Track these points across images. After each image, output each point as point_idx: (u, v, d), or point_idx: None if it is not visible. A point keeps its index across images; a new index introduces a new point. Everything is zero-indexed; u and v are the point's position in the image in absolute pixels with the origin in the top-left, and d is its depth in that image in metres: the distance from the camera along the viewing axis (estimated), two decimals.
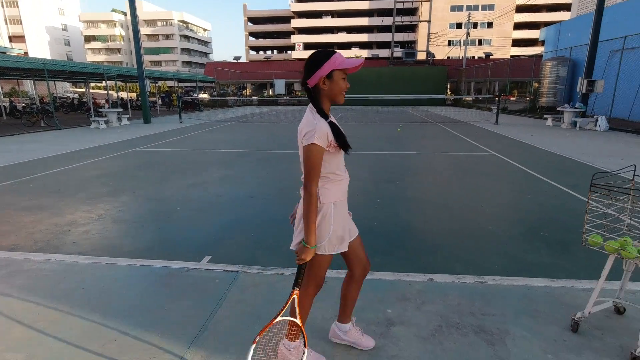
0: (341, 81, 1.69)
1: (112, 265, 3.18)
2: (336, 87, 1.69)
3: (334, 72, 1.66)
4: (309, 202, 1.66)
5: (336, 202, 1.80)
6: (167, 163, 7.84)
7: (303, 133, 1.67)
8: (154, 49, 75.24)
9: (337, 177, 1.79)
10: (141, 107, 18.32)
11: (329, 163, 1.73)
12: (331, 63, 1.64)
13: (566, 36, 21.68)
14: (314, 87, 1.70)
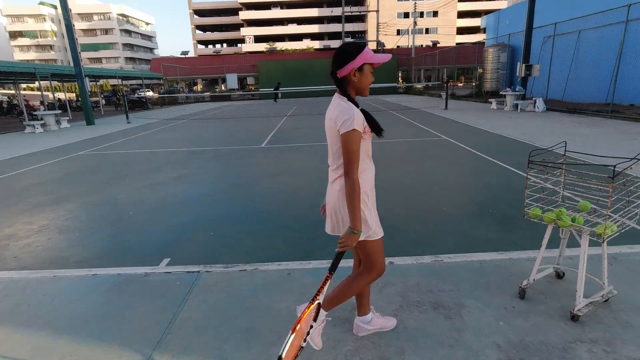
0: (370, 75, 1.74)
1: (61, 278, 2.99)
2: (365, 80, 1.73)
3: (365, 66, 1.70)
4: (352, 188, 1.69)
5: (371, 188, 1.89)
6: (116, 166, 7.44)
7: (340, 121, 1.68)
8: (92, 45, 70.29)
9: (368, 165, 1.85)
10: (82, 108, 17.15)
11: (362, 150, 1.76)
12: (363, 56, 1.68)
13: (504, 24, 22.94)
14: (342, 77, 1.73)
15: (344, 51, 1.71)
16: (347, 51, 1.70)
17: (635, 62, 12.72)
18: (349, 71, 1.70)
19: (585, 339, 2.02)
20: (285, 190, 5.24)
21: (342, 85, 1.75)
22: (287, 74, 34.33)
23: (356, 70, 1.70)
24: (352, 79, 1.72)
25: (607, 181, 1.90)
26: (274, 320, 2.32)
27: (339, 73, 1.72)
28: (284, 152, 8.17)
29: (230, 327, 2.27)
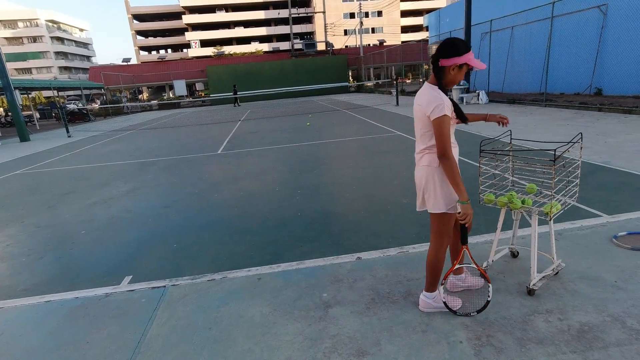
0: (462, 74, 1.92)
1: (7, 309, 2.75)
2: (458, 77, 1.92)
3: (464, 65, 1.88)
4: (451, 166, 1.91)
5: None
6: (59, 184, 6.94)
7: (431, 107, 1.89)
8: (19, 55, 64.74)
9: (453, 145, 2.04)
10: (14, 124, 15.81)
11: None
12: (468, 57, 1.86)
13: (445, 21, 24.13)
14: (441, 67, 1.91)
15: (455, 45, 1.87)
16: (457, 46, 1.87)
17: (561, 54, 13.91)
18: (451, 64, 1.87)
19: (542, 310, 2.19)
20: (245, 195, 5.16)
21: (437, 73, 1.94)
22: (238, 77, 33.76)
23: (457, 66, 1.88)
24: (450, 72, 1.90)
25: (549, 164, 2.07)
26: (248, 327, 2.29)
27: (442, 62, 1.89)
28: (241, 157, 8.04)
29: (203, 338, 2.21)
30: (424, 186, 2.12)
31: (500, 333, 2.03)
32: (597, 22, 12.54)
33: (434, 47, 22.29)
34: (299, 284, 2.74)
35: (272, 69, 34.77)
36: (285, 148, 8.61)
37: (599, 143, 6.36)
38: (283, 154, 7.89)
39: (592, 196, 3.94)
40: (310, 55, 38.90)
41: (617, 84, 12.01)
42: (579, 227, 3.24)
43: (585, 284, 2.40)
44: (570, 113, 10.25)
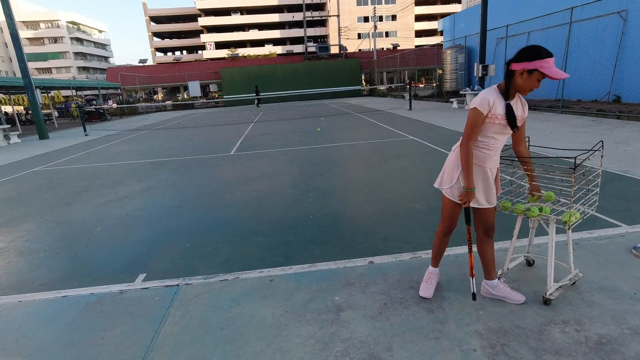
0: (535, 81, 1.90)
1: (27, 303, 2.81)
2: (528, 84, 1.91)
3: (536, 72, 1.86)
4: (465, 154, 2.04)
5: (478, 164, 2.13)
6: (76, 181, 7.08)
7: (472, 101, 2.05)
8: (40, 55, 66.47)
9: (489, 147, 2.10)
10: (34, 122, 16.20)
11: (486, 131, 2.06)
12: (539, 63, 1.84)
13: (460, 26, 23.97)
14: (512, 70, 1.95)
15: (531, 50, 1.89)
16: (530, 51, 1.88)
17: (579, 60, 13.68)
18: (519, 68, 1.89)
19: (558, 320, 2.15)
20: (257, 197, 5.19)
21: (507, 77, 1.98)
22: (251, 79, 34.06)
23: (526, 72, 1.88)
24: (518, 77, 1.92)
25: (569, 172, 2.04)
26: (260, 328, 2.30)
27: (512, 66, 1.94)
28: (253, 159, 8.09)
29: (216, 338, 2.23)
30: (443, 169, 2.32)
31: (515, 342, 2.00)
32: (617, 28, 12.30)
33: (448, 51, 22.13)
34: (310, 286, 2.74)
35: (285, 72, 34.97)
36: (297, 150, 8.64)
37: (617, 151, 6.23)
38: (295, 156, 7.91)
39: (611, 205, 3.86)
40: (323, 58, 39.00)
41: (636, 91, 11.75)
42: (596, 237, 3.17)
43: (604, 295, 2.35)
44: (588, 120, 10.07)
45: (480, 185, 2.18)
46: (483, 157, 2.14)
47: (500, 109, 2.00)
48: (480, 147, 2.13)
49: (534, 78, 1.89)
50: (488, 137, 2.10)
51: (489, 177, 2.18)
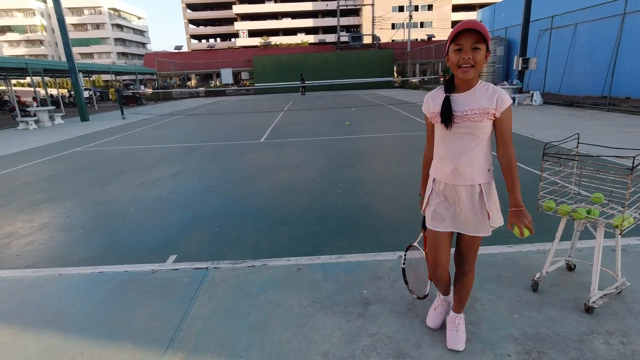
0: (452, 54, 1.59)
1: (67, 276, 2.94)
2: (450, 61, 1.62)
3: (450, 46, 1.60)
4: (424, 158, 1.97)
5: (436, 180, 1.83)
6: (113, 162, 7.34)
7: None
8: (83, 40, 69.25)
9: (438, 154, 1.79)
10: (76, 104, 16.94)
11: (436, 134, 1.81)
12: (448, 39, 1.62)
13: (500, 17, 22.93)
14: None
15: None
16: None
17: (631, 55, 12.78)
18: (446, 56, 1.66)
19: (601, 330, 2.02)
20: (286, 185, 5.20)
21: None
22: (282, 68, 34.13)
23: (447, 54, 1.63)
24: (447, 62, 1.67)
25: (625, 173, 1.88)
26: (286, 317, 2.29)
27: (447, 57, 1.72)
28: (283, 147, 8.11)
29: (242, 324, 2.25)
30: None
31: (553, 350, 1.90)
32: None
33: None
34: (338, 278, 2.71)
35: (316, 61, 34.77)
36: (326, 140, 8.58)
37: None
38: (324, 147, 7.86)
39: None
40: (355, 48, 38.46)
41: None
42: None
43: None
44: (637, 119, 9.42)
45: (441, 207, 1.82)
46: (441, 171, 1.78)
47: (438, 104, 1.70)
48: (437, 157, 1.82)
49: (450, 52, 1.60)
50: (438, 144, 1.78)
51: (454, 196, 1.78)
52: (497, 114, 1.61)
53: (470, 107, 1.63)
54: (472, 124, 1.63)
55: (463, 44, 1.54)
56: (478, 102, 1.62)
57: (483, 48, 1.54)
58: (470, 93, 1.64)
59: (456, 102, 1.66)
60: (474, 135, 1.65)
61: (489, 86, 1.64)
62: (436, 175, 1.83)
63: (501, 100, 1.59)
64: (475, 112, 1.62)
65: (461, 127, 1.66)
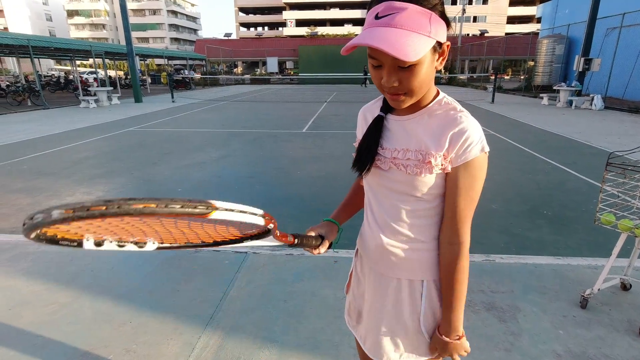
0: (370, 66, 0.88)
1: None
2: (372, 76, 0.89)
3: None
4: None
5: (358, 249, 1.18)
6: (162, 143, 7.71)
7: None
8: (140, 25, 72.70)
9: (366, 210, 1.12)
10: (131, 86, 17.87)
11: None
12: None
13: (563, 13, 21.44)
14: None
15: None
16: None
17: None
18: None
19: None
20: (326, 177, 5.22)
21: None
22: (327, 59, 34.04)
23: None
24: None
25: None
26: (321, 307, 2.33)
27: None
28: (324, 138, 8.14)
29: (278, 309, 2.31)
30: None
31: None
32: None
33: (544, 41, 19.98)
34: None
35: (361, 53, 33.92)
36: None
37: None
38: None
39: None
40: None
41: None
42: None
43: None
44: None
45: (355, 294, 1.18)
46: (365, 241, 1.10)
47: (363, 127, 1.04)
48: (365, 213, 1.13)
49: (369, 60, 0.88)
50: (367, 192, 1.08)
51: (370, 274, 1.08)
52: (447, 166, 0.87)
53: (405, 145, 0.92)
54: (406, 177, 0.90)
55: (381, 60, 0.83)
56: (418, 137, 0.90)
57: (422, 59, 0.79)
58: (417, 118, 0.92)
59: (388, 131, 0.96)
60: (413, 196, 0.92)
61: (449, 110, 0.89)
62: (359, 245, 1.16)
63: (459, 142, 0.85)
64: (409, 158, 0.90)
65: (389, 178, 0.94)
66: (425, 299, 0.97)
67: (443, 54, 0.85)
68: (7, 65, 38.07)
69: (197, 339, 2.06)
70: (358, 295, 1.15)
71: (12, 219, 3.75)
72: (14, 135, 8.53)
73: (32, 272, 2.76)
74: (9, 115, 12.38)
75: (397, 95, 0.85)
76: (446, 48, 0.85)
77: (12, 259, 2.96)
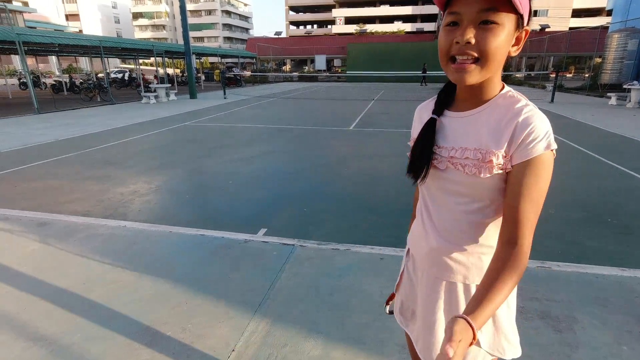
0: (442, 32, 0.83)
1: (175, 234, 3.37)
2: (439, 48, 0.83)
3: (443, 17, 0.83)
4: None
5: (410, 250, 1.12)
6: (215, 137, 8.07)
7: None
8: (196, 25, 76.20)
9: (418, 212, 1.08)
10: (187, 83, 18.83)
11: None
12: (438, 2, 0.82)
13: (639, 4, 19.55)
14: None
15: None
16: None
17: None
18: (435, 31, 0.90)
19: None
20: (372, 175, 5.21)
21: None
22: (375, 57, 33.66)
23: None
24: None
25: None
26: (367, 302, 2.35)
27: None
28: (371, 136, 8.09)
29: (324, 302, 2.36)
30: None
31: None
32: None
33: (615, 35, 18.33)
34: None
35: (411, 51, 33.55)
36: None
37: None
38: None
39: None
40: None
41: None
42: None
43: None
44: None
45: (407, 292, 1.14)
46: (417, 244, 1.05)
47: (418, 127, 1.02)
48: (417, 214, 1.09)
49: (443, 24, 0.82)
50: (421, 194, 1.06)
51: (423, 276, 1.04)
52: (507, 164, 0.82)
53: (463, 143, 0.88)
54: (464, 177, 0.86)
55: (461, 11, 0.77)
56: (478, 135, 0.86)
57: (505, 21, 0.76)
58: (477, 114, 0.87)
59: (446, 129, 0.92)
60: (471, 197, 0.88)
61: (513, 103, 0.84)
62: (411, 246, 1.11)
63: (522, 136, 0.79)
64: (467, 157, 0.86)
65: (446, 178, 0.90)
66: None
67: (519, 40, 0.82)
68: (80, 64, 41.58)
69: (246, 323, 2.17)
70: (411, 296, 1.13)
71: (85, 203, 4.13)
72: (87, 128, 9.34)
73: (102, 251, 3.04)
74: (82, 110, 13.54)
75: (464, 63, 0.79)
76: (524, 34, 0.81)
77: (85, 238, 3.27)
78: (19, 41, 12.25)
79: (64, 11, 62.73)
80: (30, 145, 7.27)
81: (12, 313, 2.28)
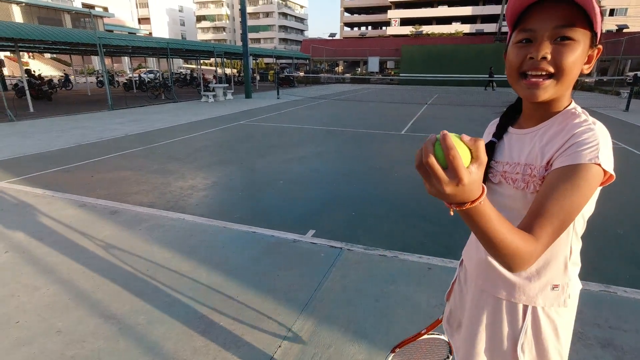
0: (512, 49, 0.83)
1: (229, 229, 3.56)
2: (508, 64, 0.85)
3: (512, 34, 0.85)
4: None
5: (463, 260, 1.15)
6: (268, 137, 8.34)
7: None
8: (254, 27, 79.04)
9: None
10: (243, 83, 19.58)
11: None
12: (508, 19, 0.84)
13: None
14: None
15: None
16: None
17: None
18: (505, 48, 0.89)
19: None
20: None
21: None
22: (431, 59, 32.76)
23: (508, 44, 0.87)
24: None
25: None
26: (413, 311, 2.34)
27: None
28: (423, 141, 7.88)
29: (370, 307, 2.38)
30: None
31: None
32: None
33: None
34: None
35: (469, 53, 32.20)
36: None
37: None
38: None
39: None
40: None
41: None
42: None
43: None
44: None
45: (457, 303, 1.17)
46: (469, 254, 1.09)
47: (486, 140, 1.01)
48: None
49: (513, 41, 0.83)
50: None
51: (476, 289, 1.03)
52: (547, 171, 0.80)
53: (517, 158, 0.89)
54: (514, 192, 0.87)
55: (535, 28, 0.78)
56: (533, 150, 0.85)
57: (581, 38, 0.76)
58: (535, 131, 0.88)
59: (504, 144, 0.94)
60: (520, 212, 0.82)
61: (574, 117, 0.83)
62: (465, 256, 1.14)
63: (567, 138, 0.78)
64: (518, 172, 0.87)
65: (498, 192, 0.92)
66: (531, 328, 0.92)
67: (591, 59, 0.81)
68: (149, 63, 44.80)
69: (293, 321, 2.25)
70: (460, 306, 1.15)
71: (150, 195, 4.48)
72: (153, 124, 10.07)
73: (163, 240, 3.29)
74: (149, 107, 14.60)
75: (539, 77, 0.79)
76: (597, 53, 0.81)
77: (149, 227, 3.55)
78: (100, 44, 13.48)
79: (137, 15, 67.88)
80: (105, 139, 7.99)
81: (88, 291, 2.55)
